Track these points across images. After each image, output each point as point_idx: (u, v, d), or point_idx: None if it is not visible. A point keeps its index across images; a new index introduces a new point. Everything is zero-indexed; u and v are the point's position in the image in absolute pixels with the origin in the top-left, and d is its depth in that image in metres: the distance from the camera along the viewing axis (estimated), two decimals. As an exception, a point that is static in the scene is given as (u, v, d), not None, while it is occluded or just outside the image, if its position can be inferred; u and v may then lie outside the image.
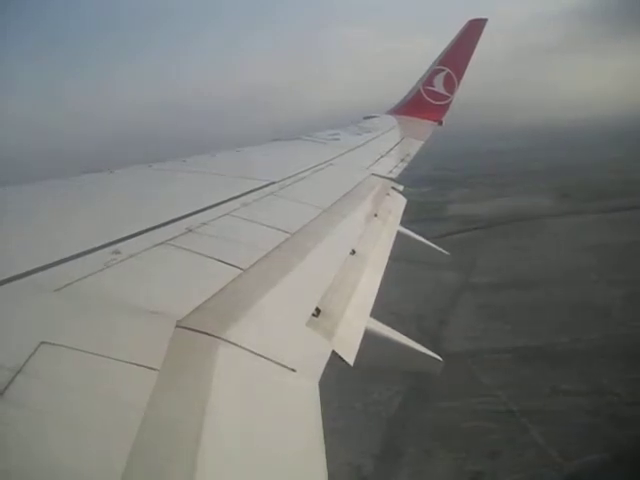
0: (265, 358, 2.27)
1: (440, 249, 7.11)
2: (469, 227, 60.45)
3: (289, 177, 5.75)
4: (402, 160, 9.17)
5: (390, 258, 4.37)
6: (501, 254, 48.55)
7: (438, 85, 14.84)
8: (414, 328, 34.02)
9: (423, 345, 3.95)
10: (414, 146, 11.01)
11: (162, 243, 3.17)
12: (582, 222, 56.82)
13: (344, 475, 21.90)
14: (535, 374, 27.33)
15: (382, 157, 8.88)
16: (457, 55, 14.73)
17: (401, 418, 25.56)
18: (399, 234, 5.44)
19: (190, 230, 3.48)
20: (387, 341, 3.67)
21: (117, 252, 2.90)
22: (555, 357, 28.75)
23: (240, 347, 2.28)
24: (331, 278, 3.40)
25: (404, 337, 3.93)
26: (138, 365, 1.91)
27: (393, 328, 3.73)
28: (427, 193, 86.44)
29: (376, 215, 5.40)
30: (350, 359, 2.69)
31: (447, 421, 24.34)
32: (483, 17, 14.84)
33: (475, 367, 28.84)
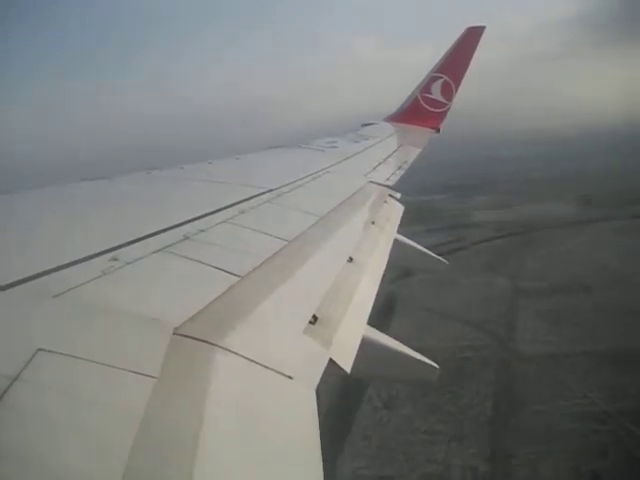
0: (262, 366, 2.28)
1: (438, 257, 7.11)
2: (502, 234, 61.17)
3: (286, 185, 5.76)
4: (399, 168, 9.19)
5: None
6: (543, 260, 49.18)
7: (436, 92, 14.87)
8: (483, 333, 35.04)
9: (499, 349, 3.90)
10: (412, 154, 11.04)
11: (160, 250, 3.17)
12: (614, 228, 57.49)
13: (462, 477, 22.64)
14: (616, 376, 27.77)
15: (380, 165, 8.90)
16: (455, 62, 14.78)
17: (500, 422, 26.02)
18: (397, 242, 5.45)
19: (188, 237, 3.49)
20: (384, 349, 3.67)
21: (115, 259, 2.90)
22: (629, 360, 29.13)
23: (237, 354, 2.28)
24: (328, 286, 3.41)
25: (401, 345, 3.92)
26: (135, 372, 1.91)
27: (461, 333, 3.69)
28: (445, 200, 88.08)
29: (373, 223, 5.41)
30: (347, 367, 2.70)
31: (547, 424, 24.77)
32: (481, 25, 14.91)
33: (557, 371, 29.33)
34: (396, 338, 3.57)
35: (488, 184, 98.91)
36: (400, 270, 49.45)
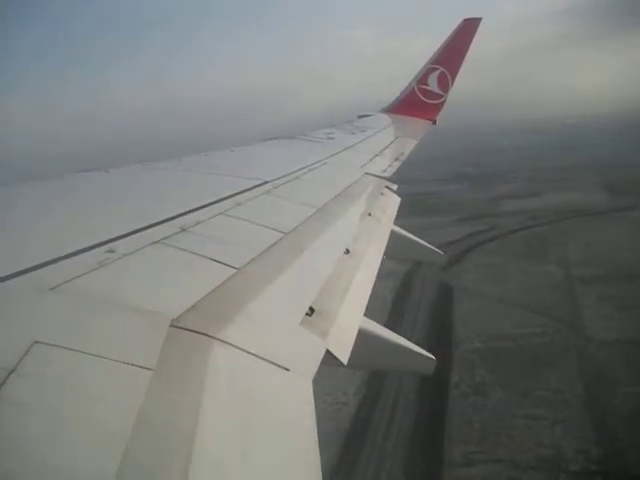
0: (259, 357, 2.28)
1: (435, 249, 7.12)
2: (536, 222, 61.81)
3: (283, 176, 5.75)
4: (396, 159, 9.18)
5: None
6: (586, 248, 49.72)
7: (432, 84, 14.84)
8: (550, 319, 35.52)
9: (572, 334, 3.90)
10: (408, 145, 11.02)
11: (156, 242, 3.17)
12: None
13: (576, 460, 23.16)
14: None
15: (376, 156, 8.89)
16: (451, 54, 14.73)
17: (596, 405, 26.53)
18: (393, 233, 5.45)
19: (184, 229, 3.48)
20: (381, 340, 3.68)
21: (111, 251, 2.89)
22: None
23: (234, 346, 2.28)
24: (325, 277, 3.41)
25: (398, 336, 3.94)
26: (132, 365, 1.91)
27: (529, 320, 3.67)
28: (463, 190, 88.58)
29: (370, 214, 5.41)
30: (344, 358, 2.70)
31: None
32: (477, 16, 14.86)
33: (638, 355, 29.82)
34: (463, 325, 3.57)
35: (500, 173, 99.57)
36: (451, 257, 50.43)
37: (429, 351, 3.83)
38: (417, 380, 29.89)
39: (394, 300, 41.37)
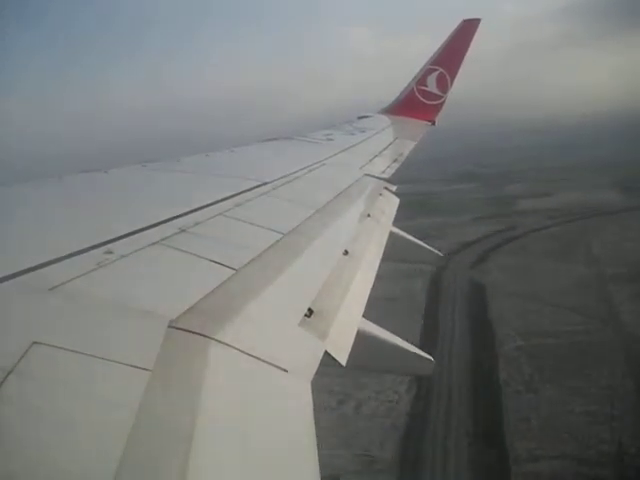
0: (257, 359, 2.28)
1: (433, 249, 7.12)
2: (556, 221, 62.37)
3: (282, 177, 5.75)
4: (395, 160, 9.18)
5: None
6: (610, 246, 50.00)
7: (431, 85, 14.82)
8: (587, 317, 35.76)
9: (612, 332, 3.88)
10: (407, 146, 11.03)
11: (155, 243, 3.16)
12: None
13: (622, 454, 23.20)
14: None
15: (375, 157, 8.89)
16: (450, 55, 14.73)
17: None
18: (392, 234, 5.45)
19: (183, 230, 3.48)
20: (380, 341, 3.68)
21: (110, 252, 2.89)
22: None
23: (232, 347, 2.28)
24: (324, 278, 3.41)
25: (396, 338, 3.94)
26: (130, 365, 1.91)
27: (565, 318, 3.65)
28: (474, 190, 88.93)
29: (369, 215, 5.41)
30: (343, 359, 2.70)
31: None
32: (476, 17, 14.86)
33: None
34: (503, 323, 3.55)
35: (505, 173, 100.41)
36: (476, 257, 50.26)
37: (474, 350, 3.83)
38: (466, 378, 30.47)
39: (428, 300, 41.76)
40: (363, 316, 3.37)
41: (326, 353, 2.62)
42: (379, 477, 23.63)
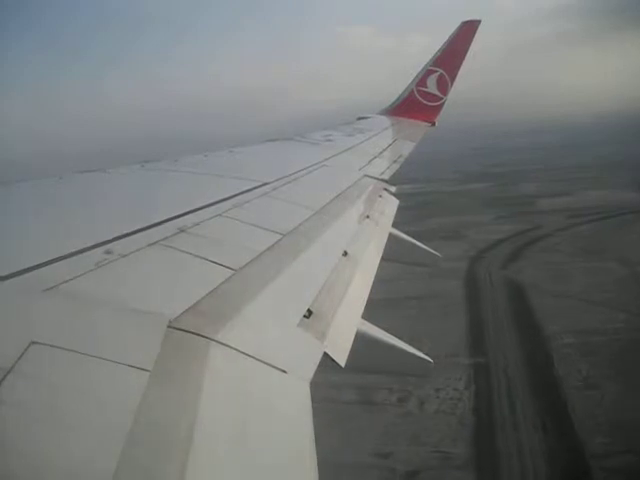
0: (256, 359, 2.28)
1: (432, 250, 7.12)
2: (581, 220, 61.89)
3: (282, 178, 5.75)
4: (394, 162, 9.19)
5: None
6: None
7: (431, 86, 14.86)
8: (629, 315, 35.66)
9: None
10: (406, 148, 11.04)
11: (154, 243, 3.16)
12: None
13: None
14: None
15: (375, 158, 8.90)
16: (450, 56, 14.76)
17: None
18: (391, 236, 5.46)
19: (182, 230, 3.48)
20: (379, 342, 3.68)
21: (109, 252, 2.89)
22: None
23: (231, 348, 2.28)
24: (323, 279, 3.41)
25: (395, 338, 3.94)
26: (129, 366, 1.91)
27: (610, 316, 3.60)
28: (489, 188, 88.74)
29: (368, 217, 5.41)
30: (342, 360, 2.70)
31: None
32: (476, 18, 14.90)
33: None
34: (549, 321, 3.50)
35: (518, 173, 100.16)
36: (506, 255, 49.72)
37: (525, 347, 3.81)
38: (522, 375, 30.43)
39: (467, 300, 41.70)
40: (369, 318, 3.37)
41: (325, 354, 2.62)
42: (458, 473, 23.52)
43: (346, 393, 28.95)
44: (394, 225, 5.91)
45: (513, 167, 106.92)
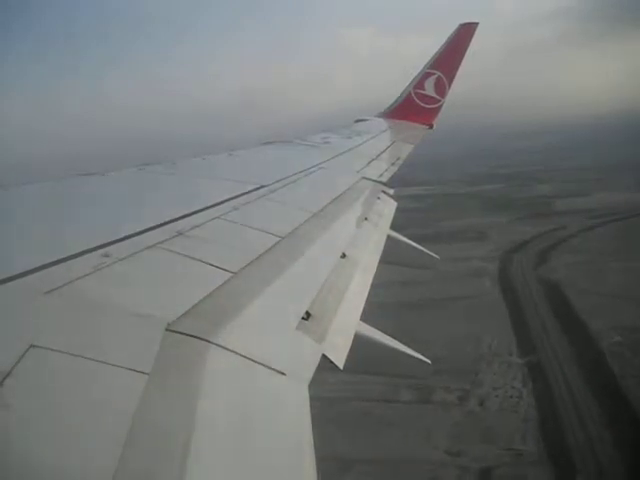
0: (255, 362, 2.28)
1: (429, 252, 7.12)
2: (603, 220, 62.13)
3: (280, 180, 5.75)
4: (393, 164, 9.20)
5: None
6: None
7: (429, 88, 14.86)
8: None
9: None
10: (405, 150, 11.04)
11: (152, 246, 3.16)
12: None
13: None
14: None
15: (373, 161, 8.90)
16: (448, 59, 14.77)
17: None
18: (389, 238, 5.46)
19: (180, 233, 3.48)
20: (378, 344, 3.68)
21: (107, 255, 2.89)
22: None
23: (230, 351, 2.28)
24: (321, 282, 3.41)
25: (394, 340, 3.94)
26: (128, 369, 1.91)
27: None
28: (502, 190, 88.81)
29: (366, 219, 5.42)
30: (340, 363, 2.70)
31: None
32: (474, 21, 14.92)
33: None
34: (593, 319, 3.47)
35: (528, 174, 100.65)
36: (535, 256, 50.22)
37: (575, 345, 3.79)
38: (578, 372, 30.77)
39: (506, 300, 41.93)
40: (415, 320, 3.37)
41: (324, 356, 2.62)
42: (534, 469, 23.72)
43: (403, 393, 29.52)
44: (411, 227, 5.94)
45: (518, 169, 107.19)
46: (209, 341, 2.27)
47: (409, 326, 36.28)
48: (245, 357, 2.28)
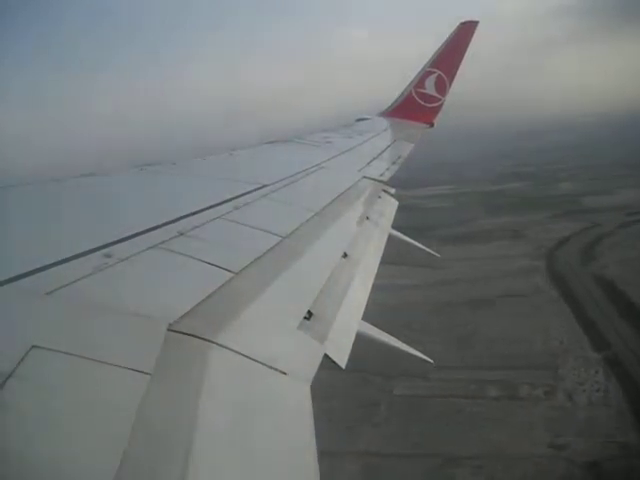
0: (257, 361, 2.28)
1: (431, 251, 7.12)
2: (635, 218, 61.61)
3: (281, 180, 5.75)
4: (394, 163, 9.19)
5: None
6: None
7: (429, 87, 14.85)
8: None
9: None
10: (405, 149, 11.03)
11: (154, 246, 3.16)
12: None
13: None
14: None
15: (374, 160, 8.89)
16: (448, 57, 14.75)
17: None
18: (391, 237, 5.46)
19: (182, 233, 3.48)
20: (380, 344, 3.67)
21: (108, 255, 2.89)
22: None
23: (232, 350, 2.28)
24: (323, 281, 3.41)
25: (396, 340, 3.93)
26: (130, 369, 1.91)
27: None
28: (527, 188, 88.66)
29: (368, 218, 5.42)
30: (342, 362, 2.70)
31: None
32: (474, 19, 14.89)
33: None
34: None
35: (551, 172, 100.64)
36: (579, 252, 50.37)
37: None
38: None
39: (564, 296, 41.80)
40: (479, 316, 3.37)
41: (325, 356, 2.62)
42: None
43: (489, 389, 29.78)
44: (442, 228, 5.96)
45: (536, 168, 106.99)
46: (211, 341, 2.27)
47: (472, 325, 36.81)
48: (247, 357, 2.28)
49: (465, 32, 14.62)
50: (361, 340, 3.11)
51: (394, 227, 5.91)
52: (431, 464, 24.23)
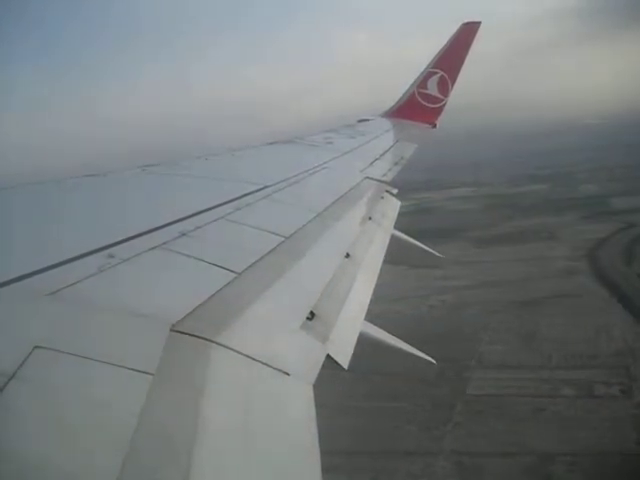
0: (259, 362, 2.28)
1: (434, 252, 7.11)
2: None
3: (283, 181, 5.75)
4: (396, 163, 9.18)
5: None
6: None
7: (432, 88, 14.83)
8: None
9: None
10: (408, 149, 11.02)
11: (156, 247, 3.16)
12: None
13: None
14: None
15: (376, 160, 8.88)
16: (451, 58, 14.74)
17: None
18: (393, 237, 5.45)
19: (184, 234, 3.48)
20: (382, 344, 3.67)
21: (111, 256, 2.89)
22: None
23: (234, 351, 2.28)
24: (325, 282, 3.41)
25: (399, 340, 3.93)
26: (133, 369, 1.90)
27: None
28: (549, 190, 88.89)
29: (370, 218, 5.41)
30: (345, 363, 2.70)
31: None
32: (477, 20, 14.88)
33: None
34: None
35: (569, 174, 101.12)
36: (620, 253, 50.78)
37: None
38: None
39: (617, 297, 41.69)
40: (527, 318, 3.37)
41: (328, 356, 2.62)
42: None
43: (562, 389, 29.85)
44: (474, 229, 5.96)
45: (555, 169, 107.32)
46: (213, 341, 2.27)
47: (531, 325, 36.83)
48: (249, 357, 2.28)
49: (467, 32, 14.60)
50: (364, 341, 3.10)
51: (420, 229, 5.93)
52: (528, 462, 24.30)
